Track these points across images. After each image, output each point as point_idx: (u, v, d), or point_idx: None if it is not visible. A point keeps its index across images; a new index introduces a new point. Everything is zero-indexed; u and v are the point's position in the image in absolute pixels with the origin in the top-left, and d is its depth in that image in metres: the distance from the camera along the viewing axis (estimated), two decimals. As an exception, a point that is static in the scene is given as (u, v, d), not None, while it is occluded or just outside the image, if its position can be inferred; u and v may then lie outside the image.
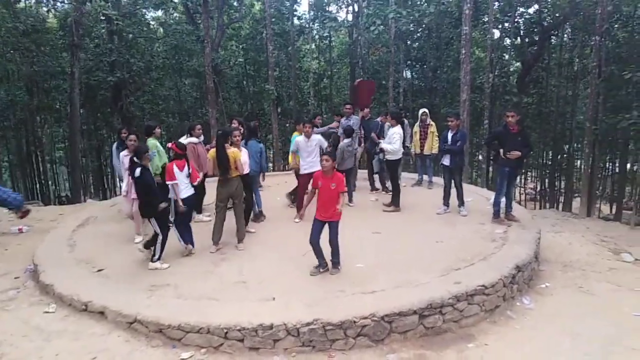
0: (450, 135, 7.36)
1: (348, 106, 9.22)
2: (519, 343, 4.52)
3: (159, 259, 5.66)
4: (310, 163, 7.26)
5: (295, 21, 22.31)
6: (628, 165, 22.87)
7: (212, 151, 6.15)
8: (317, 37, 23.79)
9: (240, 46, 23.02)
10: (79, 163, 20.55)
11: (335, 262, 5.45)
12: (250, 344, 4.32)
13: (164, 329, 4.44)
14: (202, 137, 7.62)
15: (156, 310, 4.60)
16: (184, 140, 7.58)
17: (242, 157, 6.25)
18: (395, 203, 7.89)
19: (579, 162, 21.49)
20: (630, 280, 6.09)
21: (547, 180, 23.07)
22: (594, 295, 5.61)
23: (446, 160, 7.45)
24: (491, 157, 8.55)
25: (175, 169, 5.94)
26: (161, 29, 22.53)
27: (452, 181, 7.54)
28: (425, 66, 21.59)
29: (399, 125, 7.75)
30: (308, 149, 7.33)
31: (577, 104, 18.72)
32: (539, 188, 24.55)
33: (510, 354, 4.34)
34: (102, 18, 16.65)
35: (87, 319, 4.74)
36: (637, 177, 23.35)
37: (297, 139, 7.51)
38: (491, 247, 6.02)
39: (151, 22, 23.38)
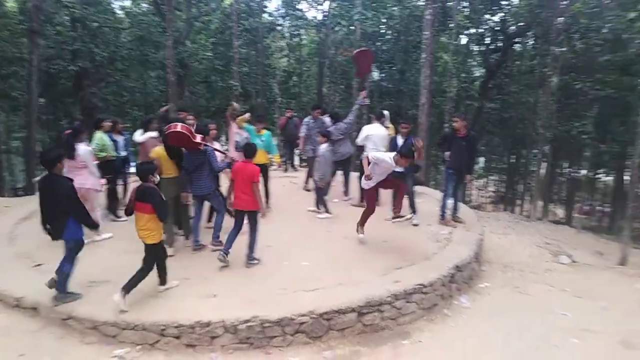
0: (400, 141, 7.15)
1: (318, 110, 8.89)
2: (451, 340, 4.69)
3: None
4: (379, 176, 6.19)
5: (266, 17, 22.16)
6: (584, 172, 23.89)
7: (158, 149, 6.01)
8: (287, 34, 23.68)
9: (209, 40, 22.71)
10: (35, 154, 19.86)
11: None
12: (187, 341, 4.33)
13: (98, 325, 4.40)
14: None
15: (93, 307, 4.54)
16: (139, 134, 7.45)
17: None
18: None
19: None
20: (562, 281, 6.40)
21: (505, 184, 23.79)
22: (529, 295, 5.87)
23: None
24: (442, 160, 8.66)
25: None
26: (127, 19, 21.99)
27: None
28: (393, 68, 21.83)
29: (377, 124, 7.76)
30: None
31: (537, 111, 19.32)
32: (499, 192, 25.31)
33: (442, 350, 4.52)
34: (65, 4, 16.09)
35: (20, 315, 4.64)
36: (590, 183, 24.40)
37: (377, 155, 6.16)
38: (434, 248, 6.20)
39: (118, 12, 22.77)
